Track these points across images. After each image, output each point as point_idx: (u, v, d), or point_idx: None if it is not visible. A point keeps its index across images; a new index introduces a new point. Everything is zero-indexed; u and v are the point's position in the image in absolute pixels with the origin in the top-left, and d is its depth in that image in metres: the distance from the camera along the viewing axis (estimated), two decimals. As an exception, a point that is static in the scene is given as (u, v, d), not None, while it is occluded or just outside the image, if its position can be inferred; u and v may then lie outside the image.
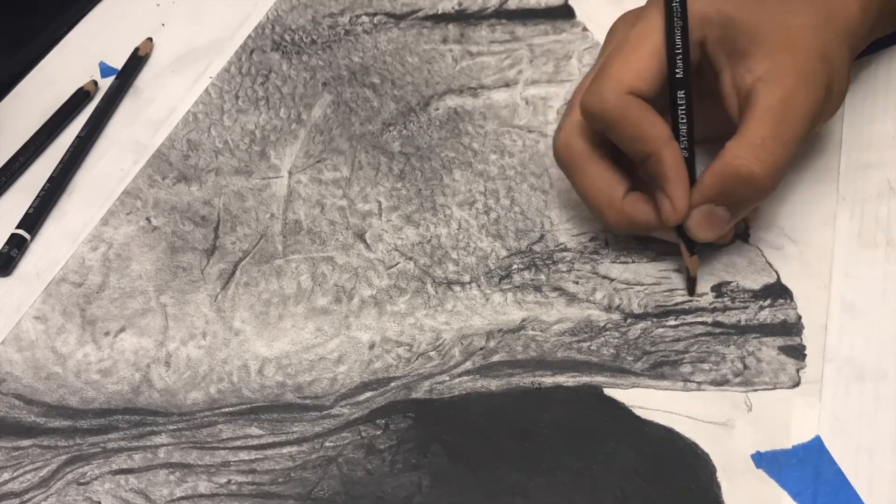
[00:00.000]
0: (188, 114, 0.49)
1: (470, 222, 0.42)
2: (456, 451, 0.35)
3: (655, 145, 0.34)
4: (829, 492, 0.32)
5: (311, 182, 0.45)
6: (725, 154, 0.34)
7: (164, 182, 0.46)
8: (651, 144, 0.34)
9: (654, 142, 0.34)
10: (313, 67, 0.50)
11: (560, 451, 0.34)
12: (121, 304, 0.41)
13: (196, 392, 0.38)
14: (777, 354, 0.36)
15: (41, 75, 0.53)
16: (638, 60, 0.35)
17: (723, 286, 0.38)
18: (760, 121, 0.34)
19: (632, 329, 0.37)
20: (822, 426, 0.33)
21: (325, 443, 0.36)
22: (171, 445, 0.36)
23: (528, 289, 0.39)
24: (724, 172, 0.34)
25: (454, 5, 0.52)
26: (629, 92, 0.34)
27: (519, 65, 0.48)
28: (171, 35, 0.54)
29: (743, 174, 0.34)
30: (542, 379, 0.36)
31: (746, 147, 0.33)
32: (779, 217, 0.39)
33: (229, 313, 0.40)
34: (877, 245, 0.38)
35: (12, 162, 0.48)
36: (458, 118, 0.46)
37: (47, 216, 0.46)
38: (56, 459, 0.36)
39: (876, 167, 0.40)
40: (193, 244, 0.43)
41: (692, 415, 0.34)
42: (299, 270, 0.41)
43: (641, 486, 0.33)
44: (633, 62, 0.35)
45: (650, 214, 0.36)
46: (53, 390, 0.39)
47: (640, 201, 0.36)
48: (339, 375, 0.38)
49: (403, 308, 0.39)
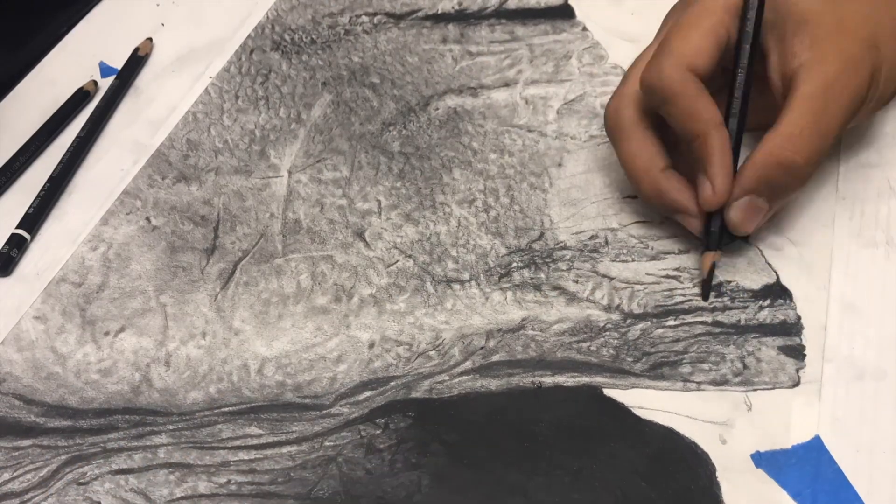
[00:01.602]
0: (188, 113, 0.49)
1: (469, 220, 0.42)
2: (456, 450, 0.35)
3: (706, 126, 0.35)
4: (829, 491, 0.32)
5: (311, 181, 0.45)
6: (765, 144, 0.34)
7: (164, 182, 0.46)
8: (702, 125, 0.35)
9: (706, 123, 0.35)
10: (313, 67, 0.50)
11: (560, 451, 0.34)
12: (120, 304, 0.41)
13: (196, 392, 0.38)
14: (777, 354, 0.36)
15: (41, 75, 0.53)
16: (698, 38, 0.36)
17: (722, 286, 0.38)
18: (800, 109, 0.34)
19: (631, 329, 0.37)
20: (822, 426, 0.33)
21: (325, 442, 0.36)
22: (170, 445, 0.36)
23: (527, 287, 0.39)
24: (765, 163, 0.34)
25: (454, 5, 0.52)
26: (688, 69, 0.35)
27: (519, 64, 0.48)
28: (171, 35, 0.54)
29: (785, 164, 0.34)
30: (542, 379, 0.36)
31: (787, 137, 0.34)
32: (778, 217, 0.39)
33: (229, 313, 0.40)
34: (877, 245, 0.38)
35: (12, 162, 0.48)
36: (457, 118, 0.46)
37: (47, 216, 0.46)
38: (56, 459, 0.36)
39: (876, 167, 0.40)
40: (193, 244, 0.43)
41: (692, 415, 0.34)
42: (299, 270, 0.41)
43: (641, 486, 0.33)
44: (693, 39, 0.36)
45: (682, 193, 0.37)
46: (53, 390, 0.39)
47: (677, 179, 0.37)
48: (339, 375, 0.38)
49: (403, 307, 0.39)
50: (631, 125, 0.37)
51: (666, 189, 0.37)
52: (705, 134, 0.35)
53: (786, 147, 0.34)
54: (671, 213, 0.38)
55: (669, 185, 0.37)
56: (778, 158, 0.34)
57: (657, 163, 0.37)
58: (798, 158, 0.34)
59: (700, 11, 0.36)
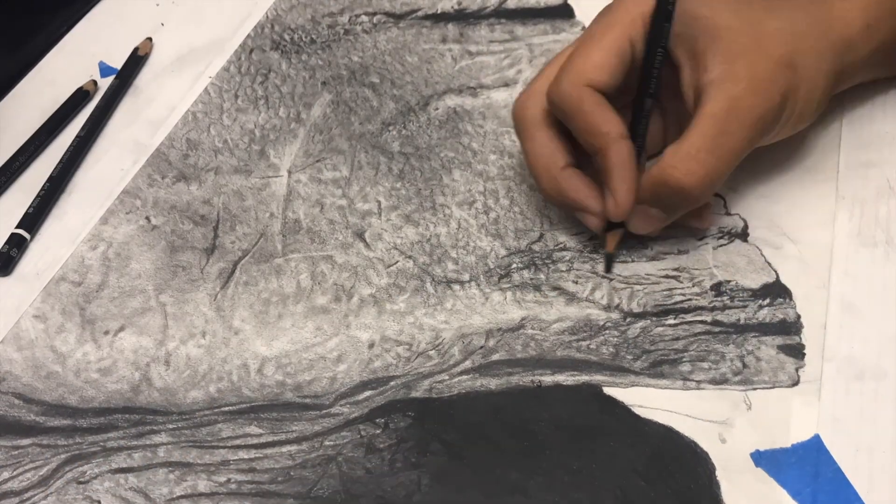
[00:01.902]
0: (188, 113, 0.49)
1: (469, 222, 0.42)
2: (455, 450, 0.35)
3: (605, 141, 0.35)
4: (829, 490, 0.32)
5: (311, 181, 0.45)
6: (661, 161, 0.34)
7: (164, 181, 0.46)
8: (601, 139, 0.35)
9: (604, 137, 0.35)
10: (313, 67, 0.50)
11: (560, 450, 0.34)
12: (120, 303, 0.41)
13: (196, 391, 0.38)
14: (776, 353, 0.36)
15: (41, 75, 0.53)
16: (598, 54, 0.35)
17: (722, 285, 0.38)
18: (700, 129, 0.34)
19: (631, 328, 0.37)
20: (822, 425, 0.33)
21: (325, 442, 0.36)
22: (170, 444, 0.36)
23: (527, 288, 0.39)
24: (657, 180, 0.34)
25: (453, 5, 0.52)
26: (588, 84, 0.35)
27: (518, 64, 0.48)
28: (170, 35, 0.54)
29: (672, 185, 0.34)
30: (542, 378, 0.36)
31: (681, 157, 0.34)
32: (778, 216, 0.39)
33: (229, 312, 0.40)
34: (876, 244, 0.38)
35: (12, 162, 0.48)
36: (457, 118, 0.46)
37: (47, 216, 0.46)
38: (56, 458, 0.36)
39: (875, 166, 0.40)
40: (193, 243, 0.43)
41: (691, 413, 0.34)
42: (299, 269, 0.41)
43: (641, 485, 0.33)
44: (594, 55, 0.35)
45: (580, 192, 0.37)
46: (53, 389, 0.39)
47: (577, 178, 0.37)
48: (339, 374, 0.38)
49: (403, 307, 0.39)
50: (534, 123, 0.38)
51: (565, 188, 0.37)
52: (605, 148, 0.35)
53: (678, 167, 0.34)
54: (572, 211, 0.38)
55: (568, 185, 0.37)
56: (667, 178, 0.34)
57: (557, 161, 0.37)
58: (686, 180, 0.34)
59: (605, 25, 0.36)
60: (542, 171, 0.37)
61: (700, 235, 0.39)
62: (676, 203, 0.35)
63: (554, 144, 0.37)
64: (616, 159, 0.35)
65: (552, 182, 0.37)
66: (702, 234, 0.39)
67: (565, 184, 0.37)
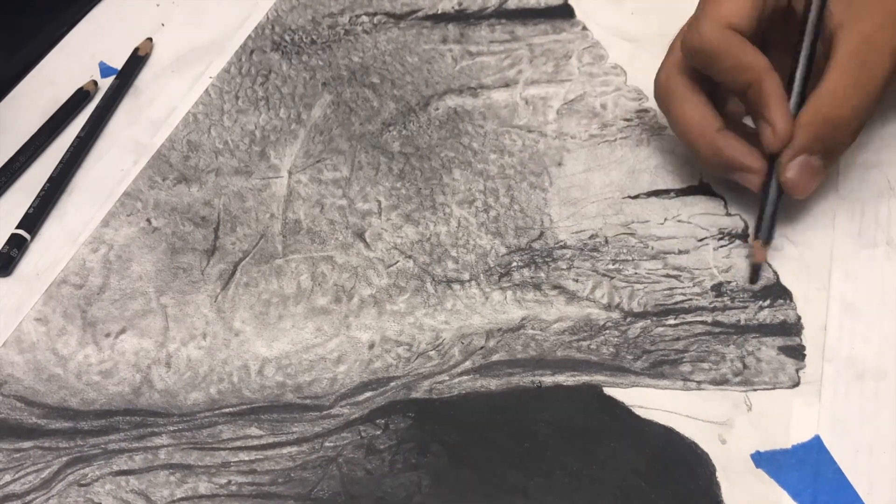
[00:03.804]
0: (188, 114, 0.49)
1: (469, 220, 0.42)
2: (456, 450, 0.35)
3: (756, 73, 0.35)
4: (829, 491, 0.32)
5: (311, 182, 0.45)
6: (810, 105, 0.35)
7: (165, 183, 0.46)
8: (751, 73, 0.35)
9: (755, 70, 0.35)
10: (313, 67, 0.50)
11: (560, 451, 0.34)
12: (121, 306, 0.41)
13: (196, 393, 0.38)
14: (777, 354, 0.36)
15: (41, 75, 0.53)
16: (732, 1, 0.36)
17: (722, 286, 0.38)
18: (840, 68, 0.35)
19: (631, 328, 0.37)
20: (822, 426, 0.33)
21: (325, 443, 0.36)
22: (171, 446, 0.36)
23: (527, 287, 0.39)
24: (813, 121, 0.35)
25: (454, 5, 0.52)
26: (727, 27, 0.36)
27: (519, 64, 0.48)
28: (171, 35, 0.54)
29: (830, 120, 0.35)
30: (542, 378, 0.36)
31: (829, 94, 0.35)
32: (778, 217, 0.39)
33: (229, 314, 0.40)
34: (876, 245, 0.38)
35: (12, 162, 0.48)
36: (457, 118, 0.46)
37: (47, 216, 0.46)
38: (57, 461, 0.37)
39: (875, 167, 0.40)
40: (193, 245, 0.43)
41: (692, 414, 0.34)
42: (299, 270, 0.41)
43: (641, 486, 0.33)
44: (727, 1, 0.36)
45: (740, 150, 0.37)
46: (54, 392, 0.39)
47: (733, 138, 0.37)
48: (339, 375, 0.38)
49: (403, 307, 0.39)
50: (683, 90, 0.38)
51: (723, 147, 0.37)
52: (758, 80, 0.35)
53: (830, 104, 0.35)
54: (730, 173, 0.38)
55: (726, 144, 0.37)
56: (825, 116, 0.35)
57: (713, 123, 0.38)
58: (843, 113, 0.35)
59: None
60: (699, 135, 0.38)
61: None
62: (837, 141, 0.36)
63: (706, 108, 0.38)
64: (770, 89, 0.35)
65: (710, 144, 0.37)
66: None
67: (723, 143, 0.37)
